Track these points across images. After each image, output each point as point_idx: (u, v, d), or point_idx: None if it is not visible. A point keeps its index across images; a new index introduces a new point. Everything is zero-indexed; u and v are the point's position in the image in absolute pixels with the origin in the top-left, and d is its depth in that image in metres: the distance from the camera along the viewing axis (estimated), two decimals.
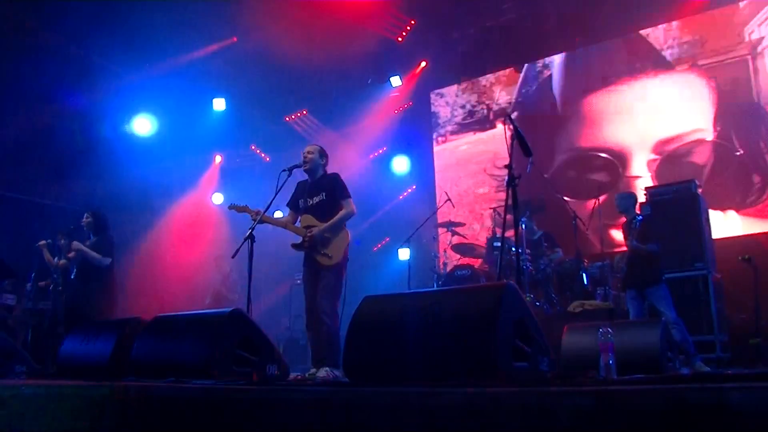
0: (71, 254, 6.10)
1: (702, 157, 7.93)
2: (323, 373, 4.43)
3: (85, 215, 6.18)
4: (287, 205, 5.16)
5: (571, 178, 8.83)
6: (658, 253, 5.42)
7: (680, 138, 8.05)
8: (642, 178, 8.20)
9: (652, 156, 8.23)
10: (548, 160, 9.00)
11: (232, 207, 5.02)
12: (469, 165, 9.92)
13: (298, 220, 5.02)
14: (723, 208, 7.52)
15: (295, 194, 5.11)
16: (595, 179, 8.52)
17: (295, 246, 4.90)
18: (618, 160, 8.48)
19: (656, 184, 7.91)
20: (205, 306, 8.77)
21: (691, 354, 5.08)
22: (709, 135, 7.90)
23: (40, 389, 3.26)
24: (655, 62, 8.46)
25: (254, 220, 4.75)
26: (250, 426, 2.44)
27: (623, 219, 5.88)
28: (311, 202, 4.94)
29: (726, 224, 7.48)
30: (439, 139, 10.38)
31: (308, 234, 4.78)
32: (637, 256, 5.42)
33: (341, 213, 4.85)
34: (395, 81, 10.13)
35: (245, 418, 2.47)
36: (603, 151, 8.65)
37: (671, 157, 8.10)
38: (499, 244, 6.43)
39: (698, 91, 8.07)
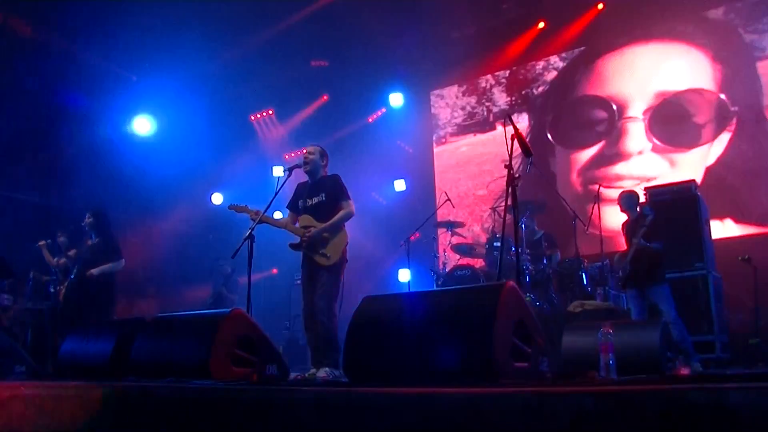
0: (71, 252, 6.09)
1: (701, 116, 8.01)
2: (323, 373, 4.43)
3: (87, 216, 6.14)
4: (287, 207, 5.16)
5: (570, 127, 9.07)
6: (663, 252, 5.41)
7: (678, 90, 8.23)
8: (636, 122, 8.41)
9: (648, 105, 8.40)
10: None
11: (231, 207, 5.01)
12: (468, 167, 9.92)
13: (297, 221, 5.02)
14: (725, 215, 7.53)
15: (295, 196, 5.11)
16: (595, 129, 8.83)
17: (293, 246, 4.89)
18: (616, 107, 8.68)
19: (648, 132, 8.26)
20: (206, 306, 8.77)
21: (690, 354, 5.08)
22: (711, 91, 8.02)
23: (40, 389, 3.26)
24: (665, 32, 8.54)
25: (253, 220, 4.75)
26: (250, 426, 2.44)
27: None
28: (310, 203, 4.94)
29: (725, 226, 7.49)
30: (439, 140, 10.39)
31: (306, 234, 4.77)
32: (641, 254, 5.37)
33: (341, 213, 4.84)
34: (395, 81, 10.13)
35: (245, 418, 2.47)
36: (602, 98, 8.86)
37: (667, 105, 8.23)
38: (499, 244, 6.42)
39: (703, 67, 8.18)
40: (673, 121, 8.15)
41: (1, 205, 7.89)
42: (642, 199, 6.29)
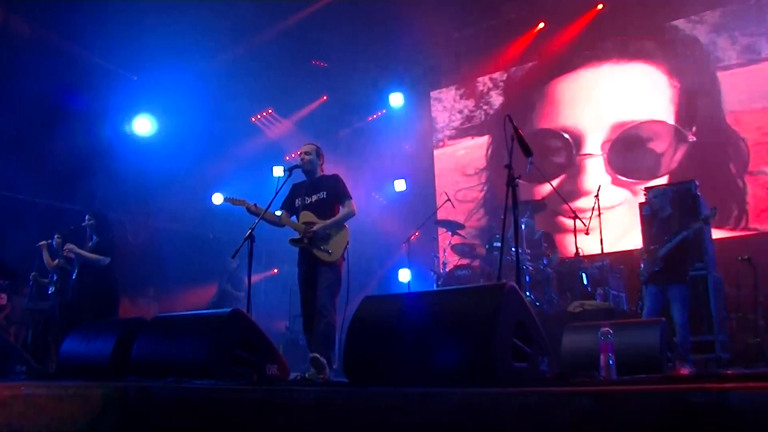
0: (67, 255, 6.08)
1: (660, 145, 8.06)
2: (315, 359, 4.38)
3: (87, 217, 6.16)
4: (281, 206, 5.14)
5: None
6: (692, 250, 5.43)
7: (635, 122, 8.29)
8: (594, 158, 8.48)
9: (606, 137, 8.45)
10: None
11: (227, 200, 4.99)
12: (467, 169, 9.93)
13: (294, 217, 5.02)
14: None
15: (291, 195, 5.10)
16: (553, 161, 8.83)
17: (294, 242, 4.88)
18: (573, 140, 8.74)
19: (608, 166, 8.34)
20: (211, 305, 8.77)
21: (686, 358, 5.04)
22: (667, 122, 8.11)
23: (40, 389, 3.27)
24: (620, 51, 8.58)
25: (251, 212, 4.74)
26: (250, 426, 2.44)
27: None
28: (310, 200, 4.94)
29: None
30: (438, 143, 10.39)
31: (309, 230, 4.77)
32: (676, 251, 5.32)
33: (343, 212, 4.85)
34: (395, 81, 10.15)
35: (245, 418, 2.47)
36: (560, 131, 8.89)
37: (625, 138, 8.29)
38: (498, 244, 6.42)
39: (660, 86, 8.22)
40: (631, 154, 8.18)
41: (1, 205, 7.89)
42: (641, 199, 6.31)
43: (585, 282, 6.58)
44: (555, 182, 8.62)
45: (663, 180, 7.86)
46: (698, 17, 8.17)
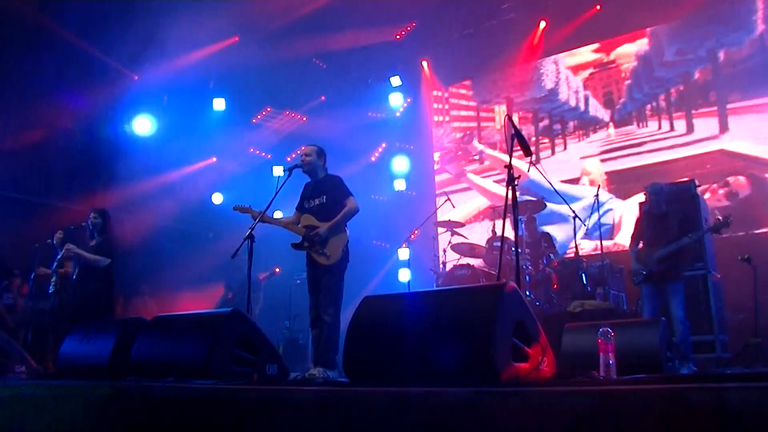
0: (64, 268, 6.07)
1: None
2: (316, 372, 4.43)
3: (93, 215, 6.09)
4: (297, 208, 5.16)
5: None
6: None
7: None
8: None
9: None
10: None
11: (236, 208, 5.04)
12: (467, 168, 9.93)
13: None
14: None
15: (301, 196, 5.13)
16: None
17: (295, 246, 4.91)
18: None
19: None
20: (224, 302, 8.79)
21: (687, 357, 5.03)
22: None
23: (40, 389, 3.27)
24: None
25: (257, 219, 4.76)
26: (250, 426, 2.44)
27: None
28: (312, 204, 4.96)
29: None
30: (438, 143, 10.39)
31: (313, 233, 4.79)
32: (675, 253, 5.31)
33: (345, 210, 4.84)
34: (395, 81, 10.14)
35: (245, 418, 2.47)
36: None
37: None
38: (498, 244, 6.41)
39: None
40: None
41: (1, 205, 7.88)
42: (641, 198, 6.29)
43: (585, 282, 6.58)
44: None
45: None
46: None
